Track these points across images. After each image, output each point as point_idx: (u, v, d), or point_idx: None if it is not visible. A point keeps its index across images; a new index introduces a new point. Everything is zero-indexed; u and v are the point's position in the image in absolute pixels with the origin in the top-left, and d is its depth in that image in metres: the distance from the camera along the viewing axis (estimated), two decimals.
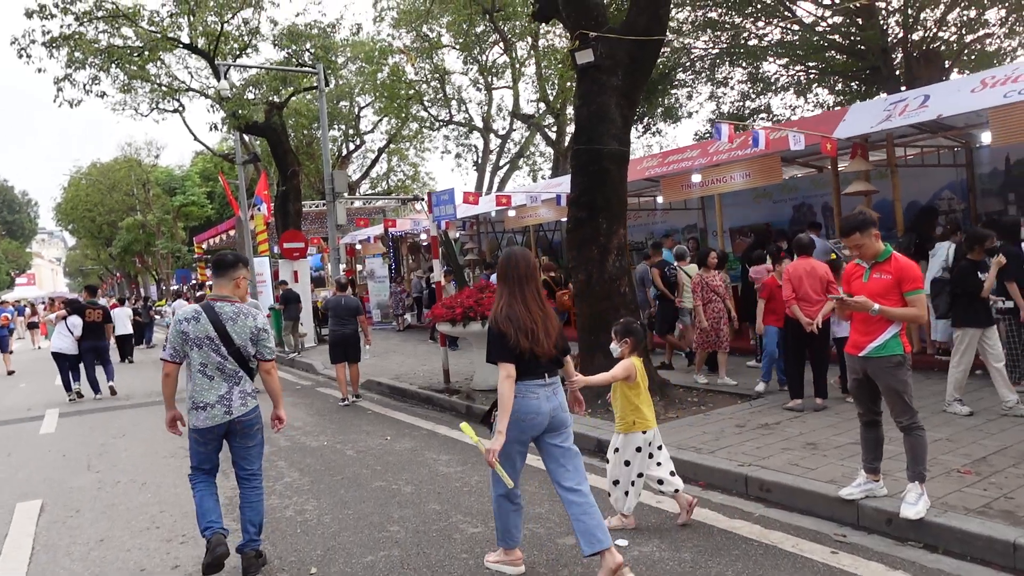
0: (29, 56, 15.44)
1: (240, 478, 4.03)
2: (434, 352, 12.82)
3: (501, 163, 27.74)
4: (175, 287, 36.96)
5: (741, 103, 18.97)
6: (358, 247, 23.09)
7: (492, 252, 17.75)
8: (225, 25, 16.24)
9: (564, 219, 15.59)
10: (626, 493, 4.15)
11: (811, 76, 18.10)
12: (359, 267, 24.01)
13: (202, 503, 3.88)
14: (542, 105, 24.54)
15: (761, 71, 18.37)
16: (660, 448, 4.25)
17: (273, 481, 5.71)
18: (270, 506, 4.86)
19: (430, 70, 25.54)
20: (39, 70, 15.67)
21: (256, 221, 20.25)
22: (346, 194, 15.43)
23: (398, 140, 32.39)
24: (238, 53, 16.92)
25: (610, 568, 3.38)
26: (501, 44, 23.83)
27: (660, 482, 4.20)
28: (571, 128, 24.65)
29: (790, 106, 20.04)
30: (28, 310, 29.59)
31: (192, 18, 15.41)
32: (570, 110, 23.82)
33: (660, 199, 12.82)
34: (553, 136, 22.77)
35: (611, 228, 7.25)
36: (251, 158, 20.55)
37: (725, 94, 19.36)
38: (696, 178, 10.40)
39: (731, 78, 18.99)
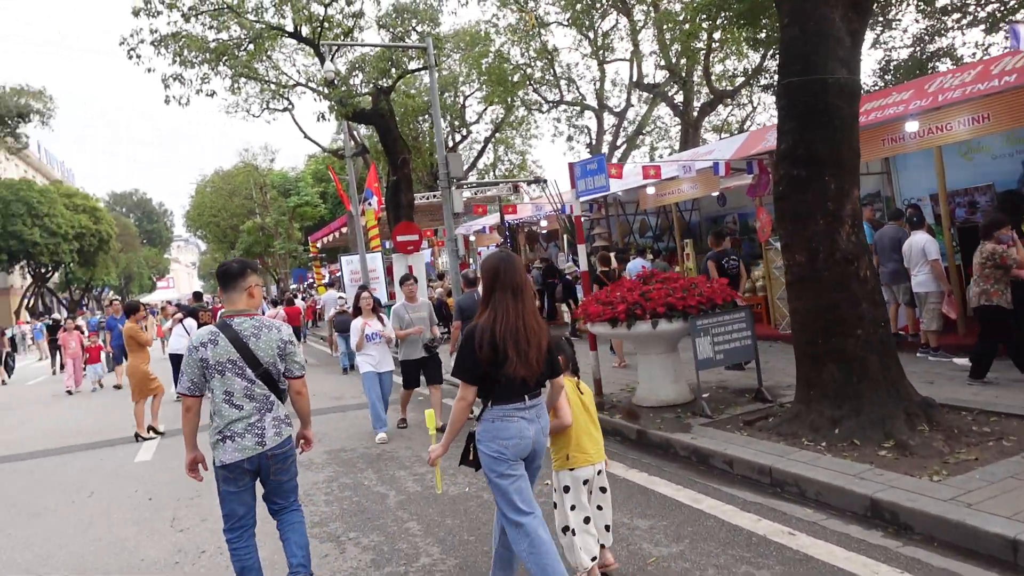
0: (139, 56, 15.00)
1: (273, 511, 3.62)
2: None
3: (618, 142, 25.60)
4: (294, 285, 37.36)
5: (918, 47, 15.97)
6: (472, 238, 21.78)
7: (624, 237, 15.81)
8: (328, 9, 15.24)
9: (715, 193, 13.53)
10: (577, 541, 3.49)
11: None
12: (471, 261, 22.77)
13: (244, 572, 3.41)
14: (663, 74, 22.38)
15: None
16: (604, 491, 3.68)
17: (407, 561, 4.14)
18: None
19: (537, 49, 23.87)
20: (148, 70, 15.13)
21: (367, 216, 19.33)
22: (462, 180, 13.96)
23: (505, 127, 31.01)
24: (342, 39, 15.93)
25: None
26: (615, 11, 21.82)
27: (587, 520, 3.52)
28: (702, 96, 22.35)
29: (980, 45, 16.65)
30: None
31: (295, 2, 14.41)
32: (698, 74, 21.49)
33: None
34: (680, 106, 20.43)
35: (842, 189, 5.21)
36: (359, 151, 19.64)
37: (893, 38, 16.42)
38: (912, 126, 8.05)
39: (899, 20, 16.05)
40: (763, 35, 14.38)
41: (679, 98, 20.62)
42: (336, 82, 14.57)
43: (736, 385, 7.58)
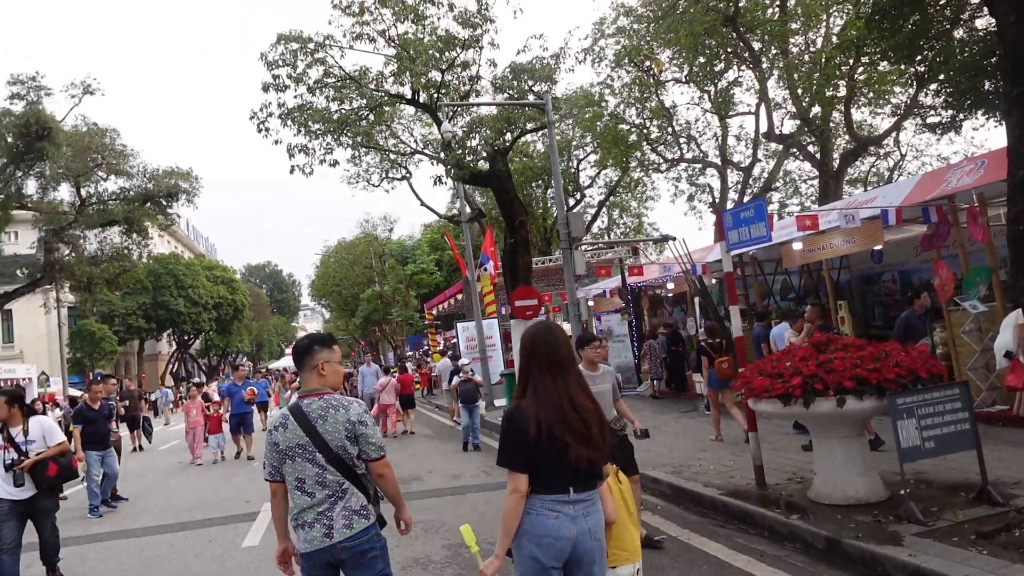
0: (267, 129, 15.52)
1: None
2: (709, 428, 9.81)
3: (744, 200, 24.12)
4: (408, 352, 37.69)
5: None
6: (590, 303, 20.82)
7: (763, 299, 14.35)
8: (445, 75, 15.28)
9: (878, 247, 11.93)
10: None
11: None
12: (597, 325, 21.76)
13: None
14: (793, 123, 20.96)
15: None
16: None
17: None
18: None
19: (653, 108, 23.18)
20: (275, 142, 15.63)
21: (483, 281, 18.94)
22: (584, 240, 13.17)
23: (620, 190, 30.32)
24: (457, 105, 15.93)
25: None
26: (736, 64, 20.83)
27: None
28: (840, 143, 20.71)
29: None
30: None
31: (413, 68, 14.49)
32: (835, 118, 19.94)
33: None
34: (817, 156, 18.90)
35: None
36: (475, 215, 19.42)
37: None
38: None
39: None
40: (922, 67, 12.87)
41: (814, 148, 19.10)
42: (453, 144, 14.38)
43: (942, 479, 6.06)
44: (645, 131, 23.75)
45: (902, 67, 15.22)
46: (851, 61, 17.15)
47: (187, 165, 43.59)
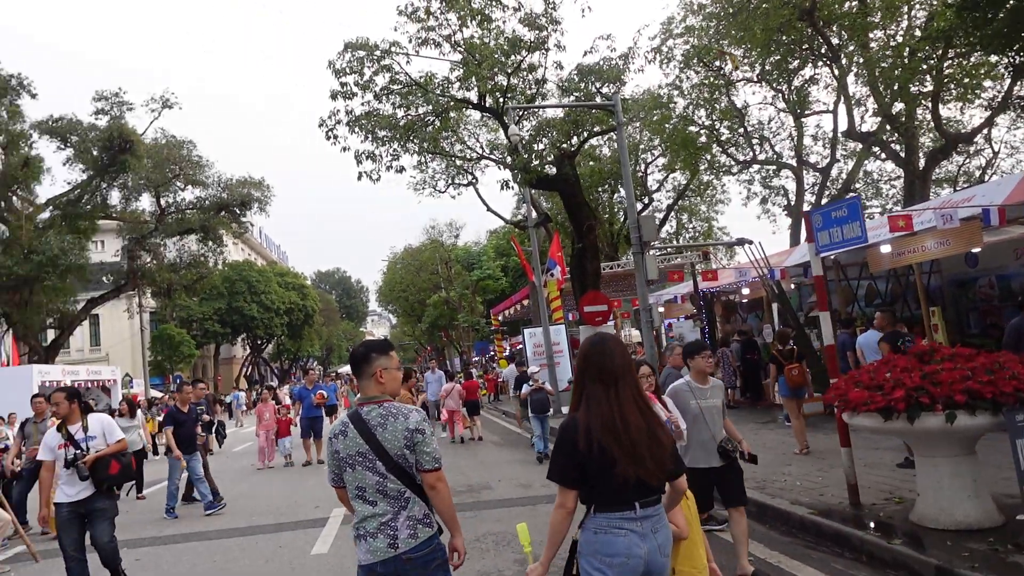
0: (336, 137, 15.73)
1: None
2: (790, 441, 9.29)
3: (822, 202, 23.12)
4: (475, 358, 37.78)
5: None
6: (660, 309, 20.30)
7: (846, 305, 13.62)
8: (511, 78, 15.16)
9: (976, 249, 11.13)
10: None
11: None
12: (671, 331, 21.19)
13: None
14: (873, 121, 19.94)
15: None
16: None
17: None
18: None
19: (723, 109, 22.49)
20: (343, 148, 15.84)
21: (549, 287, 18.69)
22: (653, 244, 12.78)
23: (693, 193, 29.63)
24: (524, 108, 15.78)
25: None
26: (815, 58, 19.96)
27: None
28: (926, 141, 19.58)
29: None
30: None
31: (479, 73, 14.42)
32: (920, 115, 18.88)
33: None
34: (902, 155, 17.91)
35: None
36: (542, 219, 19.22)
37: None
38: None
39: None
40: (1019, 58, 11.97)
41: (898, 146, 18.09)
42: (520, 148, 14.22)
43: None
44: (715, 132, 23.09)
45: (995, 58, 14.25)
46: (938, 54, 16.16)
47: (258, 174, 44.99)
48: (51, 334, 28.52)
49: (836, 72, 18.18)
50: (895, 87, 16.69)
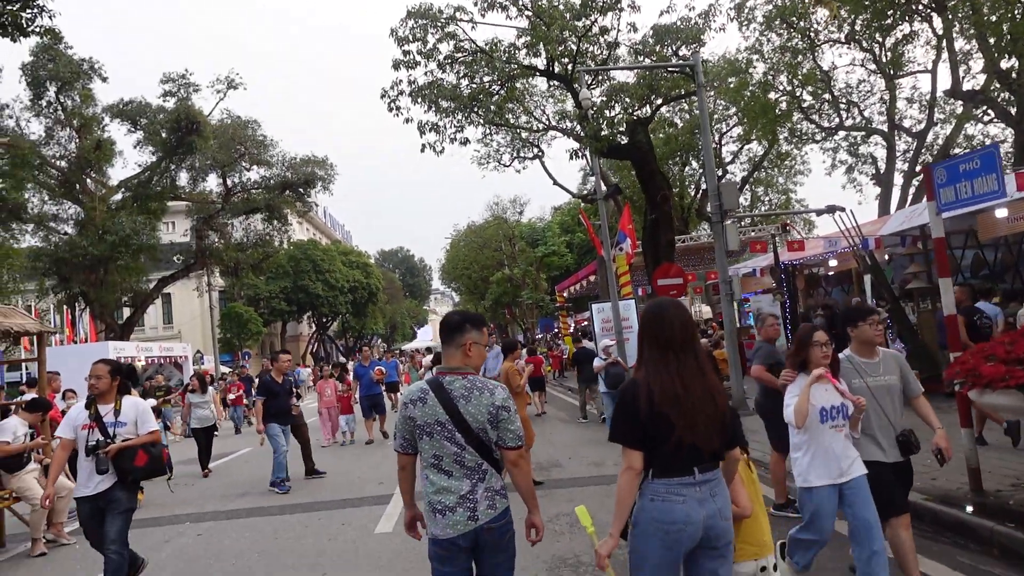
0: (398, 108, 15.30)
1: None
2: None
3: (916, 168, 21.48)
4: (539, 335, 37.33)
5: None
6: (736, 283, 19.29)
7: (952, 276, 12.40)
8: (581, 43, 14.35)
9: None
10: None
11: None
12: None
13: None
14: (974, 81, 18.25)
15: None
16: None
17: None
18: None
19: (805, 74, 21.02)
20: (406, 120, 15.39)
21: (619, 261, 17.91)
22: (738, 212, 11.88)
23: (770, 164, 28.18)
24: (595, 73, 14.96)
25: None
26: (911, 15, 18.36)
27: None
28: None
29: None
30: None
31: (548, 36, 13.68)
32: None
33: None
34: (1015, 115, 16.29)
35: None
36: (612, 191, 18.39)
37: None
38: None
39: None
40: None
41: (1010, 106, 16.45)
42: (591, 115, 13.46)
43: None
44: (797, 98, 21.69)
45: None
46: None
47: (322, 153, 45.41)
48: (126, 312, 29.41)
49: (944, 23, 16.57)
50: (1005, 40, 15.12)
